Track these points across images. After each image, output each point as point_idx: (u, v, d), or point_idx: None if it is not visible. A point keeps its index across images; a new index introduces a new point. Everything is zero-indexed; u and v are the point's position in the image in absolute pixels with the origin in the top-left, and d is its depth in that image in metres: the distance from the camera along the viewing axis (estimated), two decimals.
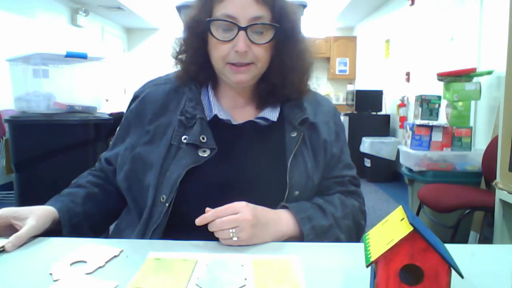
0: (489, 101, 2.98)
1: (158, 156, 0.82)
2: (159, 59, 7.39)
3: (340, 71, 7.33)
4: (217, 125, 0.85)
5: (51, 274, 0.60)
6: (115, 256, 0.67)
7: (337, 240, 0.81)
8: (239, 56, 0.79)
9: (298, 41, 0.86)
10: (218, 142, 0.82)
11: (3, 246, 0.69)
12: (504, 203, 1.82)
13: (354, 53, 7.27)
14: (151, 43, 7.72)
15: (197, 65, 0.87)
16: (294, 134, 0.86)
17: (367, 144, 4.61)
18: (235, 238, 0.71)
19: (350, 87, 6.73)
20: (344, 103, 6.21)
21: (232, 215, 0.72)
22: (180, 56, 0.89)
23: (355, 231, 0.87)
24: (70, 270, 0.62)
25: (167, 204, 0.79)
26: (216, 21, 0.80)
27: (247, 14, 0.78)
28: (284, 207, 0.82)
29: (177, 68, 0.90)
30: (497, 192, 1.85)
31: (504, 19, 2.32)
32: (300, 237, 0.79)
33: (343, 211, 0.86)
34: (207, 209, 0.73)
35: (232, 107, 0.89)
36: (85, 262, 0.65)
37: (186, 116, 0.84)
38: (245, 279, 0.60)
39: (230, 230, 0.71)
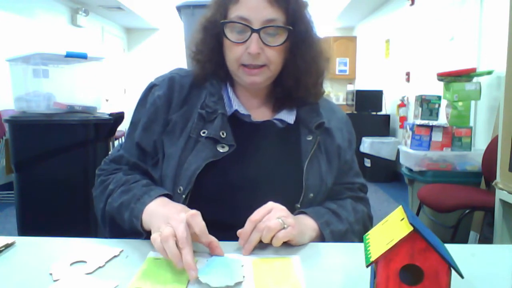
0: (489, 101, 2.98)
1: (177, 147, 0.82)
2: (159, 59, 7.39)
3: (340, 71, 7.33)
4: (236, 122, 0.85)
5: (51, 274, 0.60)
6: (115, 256, 0.67)
7: None
8: (252, 58, 0.80)
9: (312, 44, 0.86)
10: (237, 139, 0.83)
11: (5, 244, 0.69)
12: (504, 203, 1.82)
13: (354, 53, 7.26)
14: (151, 43, 7.72)
15: (213, 64, 0.87)
16: (310, 138, 0.87)
17: (367, 144, 4.61)
18: (285, 225, 0.69)
19: (350, 87, 6.73)
20: (344, 103, 6.20)
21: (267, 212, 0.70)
22: (198, 57, 0.88)
23: None
24: (70, 270, 0.62)
25: (183, 196, 0.79)
26: (230, 23, 0.80)
27: (261, 16, 0.78)
28: (300, 212, 0.81)
29: (194, 67, 0.90)
30: (497, 192, 1.85)
31: (504, 19, 2.32)
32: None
33: (355, 216, 0.87)
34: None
35: (247, 107, 0.90)
36: (85, 262, 0.65)
37: (206, 110, 0.84)
38: (243, 276, 0.60)
39: (279, 220, 0.69)
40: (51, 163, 2.17)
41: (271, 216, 0.70)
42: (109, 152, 0.94)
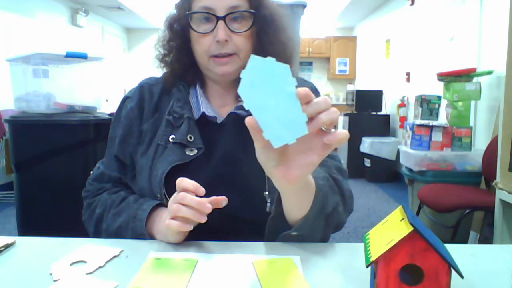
0: (489, 101, 2.98)
1: (147, 157, 0.83)
2: None
3: (340, 71, 7.33)
4: (204, 124, 0.85)
5: (51, 274, 0.60)
6: (115, 256, 0.67)
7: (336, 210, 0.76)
8: (220, 46, 0.80)
9: (278, 28, 0.87)
10: (206, 141, 0.83)
11: (5, 244, 0.69)
12: (504, 203, 1.82)
13: (354, 53, 7.27)
14: (151, 43, 7.66)
15: (182, 65, 0.87)
16: None
17: (367, 144, 4.62)
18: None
19: (350, 87, 6.73)
20: (344, 103, 6.21)
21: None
22: (166, 59, 0.89)
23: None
24: (70, 270, 0.62)
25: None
26: (195, 15, 0.81)
27: (224, 4, 0.80)
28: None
29: (164, 70, 0.91)
30: (497, 192, 1.85)
31: (504, 19, 2.32)
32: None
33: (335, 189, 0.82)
34: None
35: (222, 105, 0.89)
36: (85, 262, 0.65)
37: (173, 116, 0.85)
38: (306, 120, 0.50)
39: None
40: (51, 163, 2.17)
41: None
42: (91, 172, 0.95)
